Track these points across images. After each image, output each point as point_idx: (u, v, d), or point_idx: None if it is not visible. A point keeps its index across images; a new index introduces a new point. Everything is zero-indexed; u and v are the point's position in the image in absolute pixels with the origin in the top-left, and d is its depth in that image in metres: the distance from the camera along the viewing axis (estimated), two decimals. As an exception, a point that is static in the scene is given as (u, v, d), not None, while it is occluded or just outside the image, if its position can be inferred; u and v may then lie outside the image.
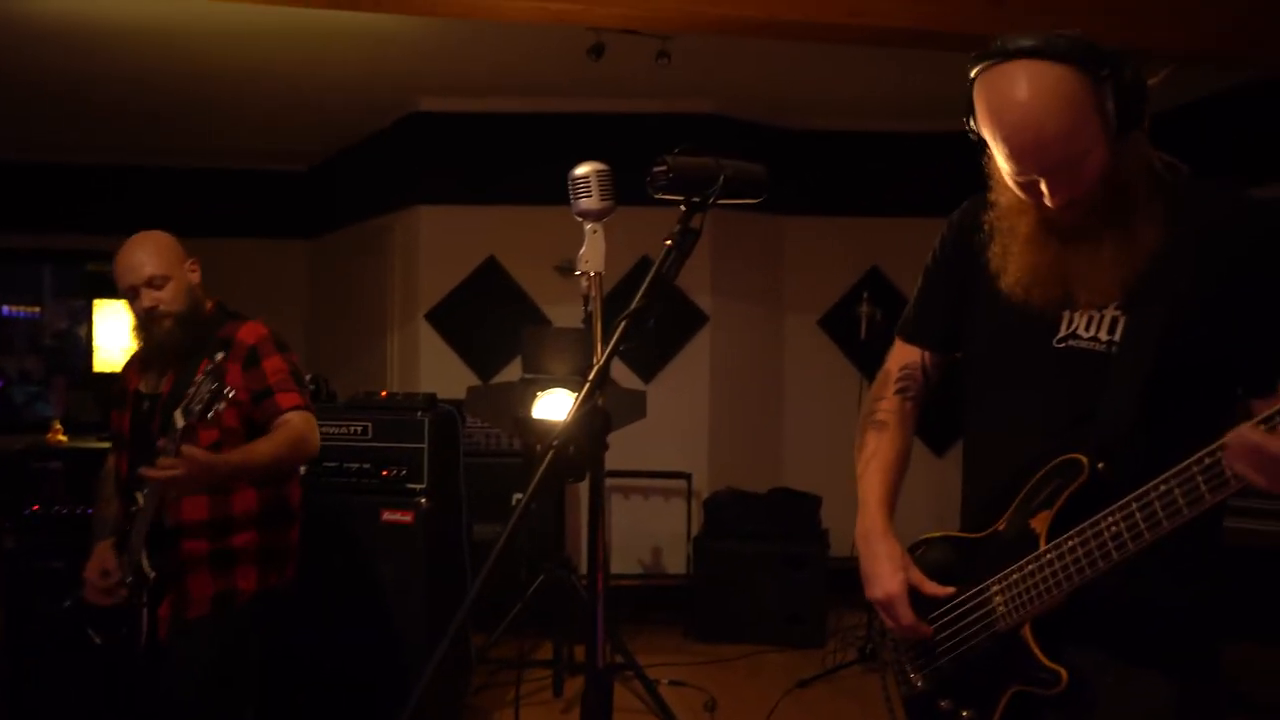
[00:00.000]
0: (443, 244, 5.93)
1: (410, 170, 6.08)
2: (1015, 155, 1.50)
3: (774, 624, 4.96)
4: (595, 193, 1.74)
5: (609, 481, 5.37)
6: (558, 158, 6.58)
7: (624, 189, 1.72)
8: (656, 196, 1.68)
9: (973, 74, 1.54)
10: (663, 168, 1.64)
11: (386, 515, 3.63)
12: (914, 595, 1.73)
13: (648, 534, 5.71)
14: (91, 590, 2.67)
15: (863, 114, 6.10)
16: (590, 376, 1.59)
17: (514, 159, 5.87)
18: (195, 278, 2.81)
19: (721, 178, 1.67)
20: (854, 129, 6.16)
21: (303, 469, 3.35)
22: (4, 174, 7.02)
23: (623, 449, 4.66)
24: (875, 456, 1.85)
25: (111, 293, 4.75)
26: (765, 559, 4.99)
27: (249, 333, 2.77)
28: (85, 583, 2.68)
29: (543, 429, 3.88)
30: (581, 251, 1.80)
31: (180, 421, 2.46)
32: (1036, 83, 1.46)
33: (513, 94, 5.81)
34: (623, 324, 1.63)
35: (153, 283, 2.72)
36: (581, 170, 1.74)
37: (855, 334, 5.18)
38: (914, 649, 1.77)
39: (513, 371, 5.83)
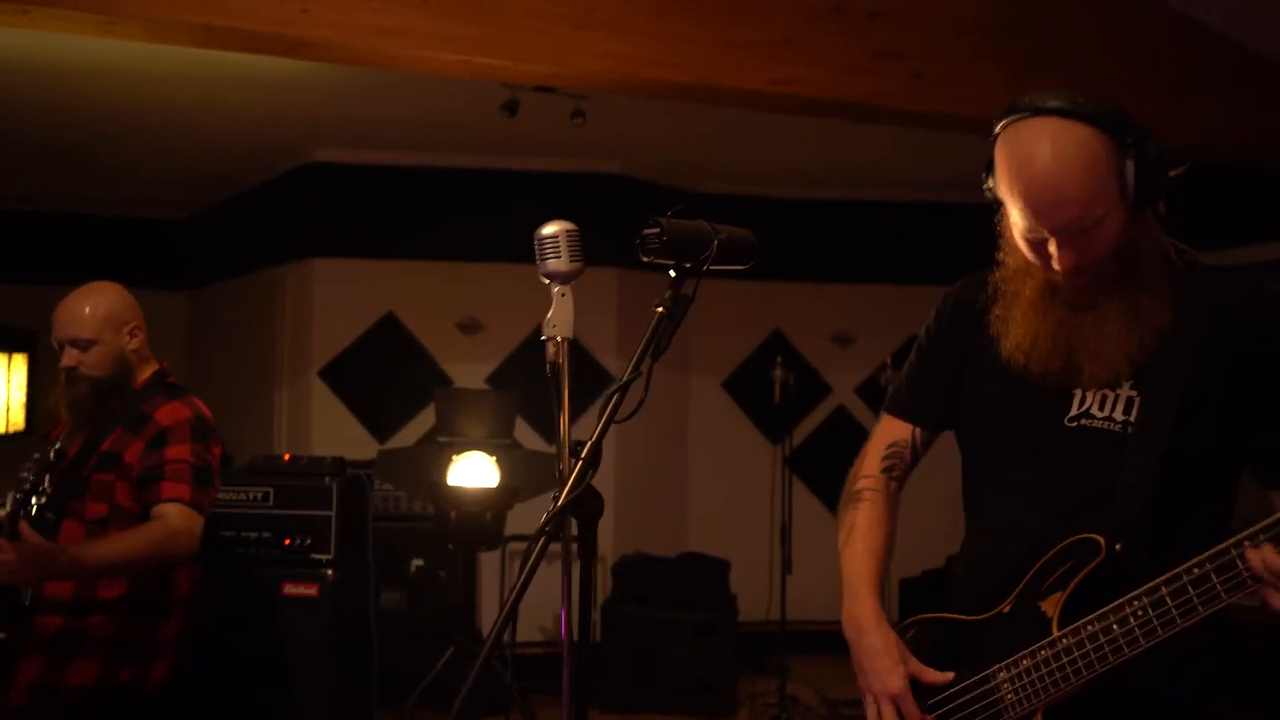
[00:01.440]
0: (338, 298, 5.71)
1: (304, 222, 5.86)
2: (1031, 210, 1.47)
3: (684, 692, 4.83)
4: (564, 253, 1.63)
5: (509, 547, 5.19)
6: (460, 213, 6.44)
7: (528, 248, 1.62)
8: (645, 260, 1.59)
9: (997, 129, 1.52)
10: (655, 230, 1.56)
11: (289, 588, 3.39)
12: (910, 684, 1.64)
13: (551, 600, 5.52)
14: None
15: (768, 180, 6.19)
16: (583, 454, 1.48)
17: (415, 213, 5.72)
18: (133, 344, 2.68)
19: (715, 242, 1.61)
20: (759, 194, 6.23)
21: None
22: None
23: (525, 512, 4.51)
24: (862, 538, 1.76)
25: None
26: (676, 625, 4.89)
27: (169, 414, 2.59)
28: None
29: (457, 495, 3.71)
30: (549, 315, 1.68)
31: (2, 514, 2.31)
32: (1061, 141, 1.44)
33: (415, 148, 5.68)
34: (615, 397, 1.54)
35: (77, 343, 2.59)
36: (549, 230, 1.63)
37: (760, 396, 5.19)
38: None
39: (412, 432, 5.62)
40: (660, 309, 1.58)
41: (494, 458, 3.76)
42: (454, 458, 3.74)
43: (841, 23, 3.66)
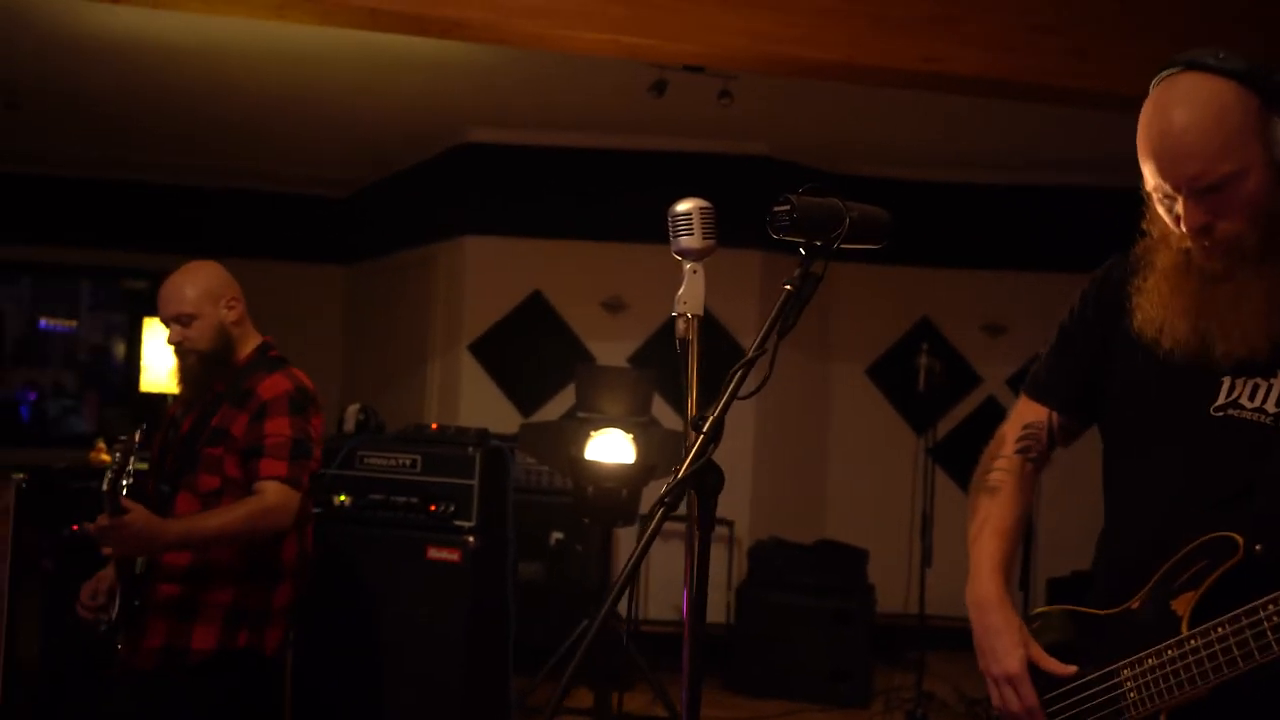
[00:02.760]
0: (488, 276, 5.88)
1: (458, 201, 6.04)
2: (1154, 164, 1.42)
3: (817, 681, 4.80)
4: (697, 231, 1.63)
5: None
6: (607, 193, 6.52)
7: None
8: (775, 237, 1.58)
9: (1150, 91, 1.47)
10: (786, 207, 1.54)
11: (432, 552, 3.51)
12: (1030, 671, 1.60)
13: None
14: (80, 608, 2.65)
15: (917, 162, 6.02)
16: (704, 429, 1.47)
17: (563, 193, 5.83)
18: (232, 315, 2.73)
19: (847, 220, 1.58)
20: (907, 177, 6.08)
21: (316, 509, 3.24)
22: (44, 188, 7.03)
23: (659, 491, 4.54)
24: (989, 521, 1.72)
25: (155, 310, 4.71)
26: (811, 613, 4.85)
27: (270, 387, 2.68)
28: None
29: (594, 469, 3.77)
30: (680, 292, 1.67)
31: (105, 487, 2.41)
32: (1192, 92, 1.39)
33: (564, 128, 5.78)
34: (739, 373, 1.53)
35: (180, 319, 2.69)
36: (683, 206, 1.63)
37: (906, 385, 5.07)
38: None
39: (555, 408, 5.74)
40: (788, 287, 1.56)
41: (631, 435, 3.81)
42: (592, 433, 3.80)
43: (997, -3, 3.53)
